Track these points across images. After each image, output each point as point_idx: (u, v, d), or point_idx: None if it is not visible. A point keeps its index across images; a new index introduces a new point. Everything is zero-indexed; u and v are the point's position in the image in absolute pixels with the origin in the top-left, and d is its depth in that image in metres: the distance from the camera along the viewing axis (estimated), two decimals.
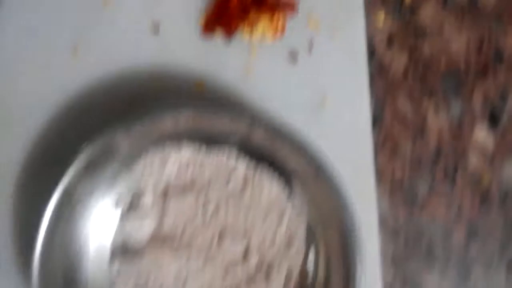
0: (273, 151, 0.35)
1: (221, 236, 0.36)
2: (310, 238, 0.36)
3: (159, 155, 0.35)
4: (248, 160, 0.36)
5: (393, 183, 0.40)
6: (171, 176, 0.36)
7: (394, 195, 0.40)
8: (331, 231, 0.35)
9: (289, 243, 0.36)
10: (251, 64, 0.38)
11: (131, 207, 0.35)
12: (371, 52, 0.39)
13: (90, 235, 0.34)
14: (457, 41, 0.38)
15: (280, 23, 0.38)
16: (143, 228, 0.35)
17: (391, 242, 0.39)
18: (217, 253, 0.35)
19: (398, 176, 0.40)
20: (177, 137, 0.35)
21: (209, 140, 0.35)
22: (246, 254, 0.36)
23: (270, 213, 0.36)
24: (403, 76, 0.39)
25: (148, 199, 0.35)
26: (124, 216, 0.35)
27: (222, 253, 0.35)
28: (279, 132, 0.34)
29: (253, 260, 0.35)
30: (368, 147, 0.39)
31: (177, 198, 0.35)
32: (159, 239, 0.35)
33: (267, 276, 0.35)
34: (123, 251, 0.34)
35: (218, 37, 0.38)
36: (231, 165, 0.36)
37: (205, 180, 0.36)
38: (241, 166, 0.36)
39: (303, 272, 0.36)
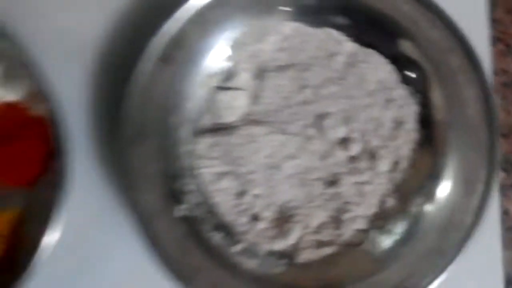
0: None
1: (319, 120, 0.32)
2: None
3: (257, 27, 0.32)
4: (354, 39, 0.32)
5: None
6: (269, 52, 0.32)
7: None
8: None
9: (397, 128, 0.32)
10: None
11: (226, 79, 0.32)
12: None
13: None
14: None
15: None
16: (236, 102, 0.32)
17: None
18: (314, 138, 0.32)
19: None
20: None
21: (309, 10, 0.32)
22: (347, 139, 0.32)
23: (377, 95, 0.32)
24: None
25: (243, 74, 0.32)
26: (216, 90, 0.32)
27: (320, 139, 0.32)
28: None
29: (355, 146, 0.32)
30: None
31: (274, 76, 0.32)
32: (253, 118, 0.32)
33: (371, 163, 0.32)
34: (214, 126, 0.32)
35: None
36: (335, 42, 0.32)
37: (305, 58, 0.32)
38: (346, 44, 0.32)
39: (412, 159, 0.32)
